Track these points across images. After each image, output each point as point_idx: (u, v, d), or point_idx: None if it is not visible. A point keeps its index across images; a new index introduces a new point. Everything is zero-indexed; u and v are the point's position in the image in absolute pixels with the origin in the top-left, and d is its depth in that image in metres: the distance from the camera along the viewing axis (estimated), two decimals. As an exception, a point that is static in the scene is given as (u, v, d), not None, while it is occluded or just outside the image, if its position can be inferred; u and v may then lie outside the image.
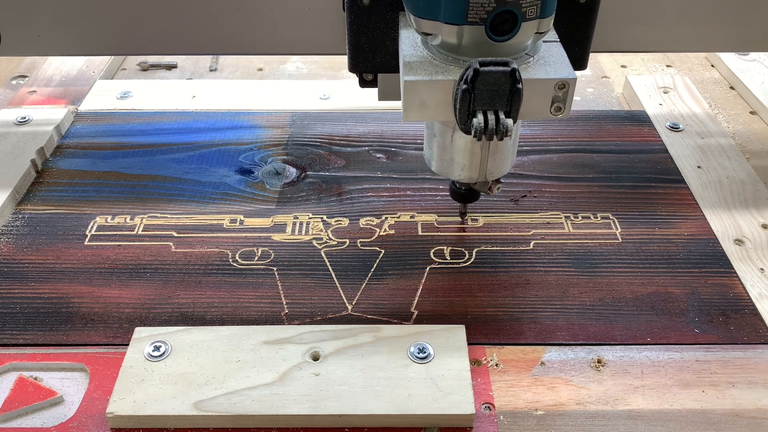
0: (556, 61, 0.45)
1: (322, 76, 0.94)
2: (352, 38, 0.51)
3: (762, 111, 0.83)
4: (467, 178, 0.53)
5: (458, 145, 0.51)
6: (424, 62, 0.45)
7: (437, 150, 0.53)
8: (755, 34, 0.62)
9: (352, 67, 0.52)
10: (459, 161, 0.52)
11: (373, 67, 0.52)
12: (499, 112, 0.42)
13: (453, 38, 0.44)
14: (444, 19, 0.43)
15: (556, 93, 0.44)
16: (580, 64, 0.53)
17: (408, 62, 0.45)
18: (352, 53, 0.52)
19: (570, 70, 0.44)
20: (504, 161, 0.52)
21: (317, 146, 0.75)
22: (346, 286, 0.58)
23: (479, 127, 0.42)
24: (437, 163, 0.54)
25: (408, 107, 0.45)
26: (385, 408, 0.46)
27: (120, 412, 0.46)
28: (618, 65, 0.95)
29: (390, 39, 0.51)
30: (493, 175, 0.53)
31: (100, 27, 0.61)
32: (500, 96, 0.42)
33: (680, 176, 0.70)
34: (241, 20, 0.60)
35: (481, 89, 0.42)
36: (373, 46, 0.51)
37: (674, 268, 0.59)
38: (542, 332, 0.54)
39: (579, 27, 0.51)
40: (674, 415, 0.48)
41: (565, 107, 0.45)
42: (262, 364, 0.49)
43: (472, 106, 0.42)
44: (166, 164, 0.72)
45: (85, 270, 0.59)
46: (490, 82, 0.41)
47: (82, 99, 0.83)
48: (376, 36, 0.51)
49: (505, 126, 0.42)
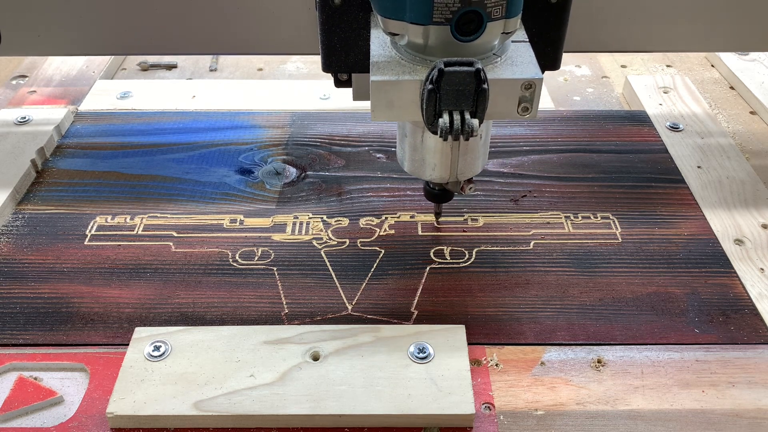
0: (523, 61, 0.45)
1: (322, 76, 0.92)
2: (324, 38, 0.51)
3: (762, 111, 0.83)
4: (439, 178, 0.53)
5: (429, 145, 0.51)
6: (392, 62, 0.45)
7: (409, 150, 0.53)
8: (755, 34, 0.62)
9: (326, 66, 0.52)
10: (430, 161, 0.52)
11: (347, 67, 0.52)
12: (465, 112, 0.42)
13: (419, 38, 0.44)
14: (410, 20, 0.43)
15: (522, 93, 0.44)
16: (552, 64, 0.53)
17: (376, 62, 0.45)
18: (325, 53, 0.52)
19: (537, 70, 0.44)
20: (475, 161, 0.53)
21: (317, 146, 0.75)
22: (346, 286, 0.58)
23: (445, 127, 0.42)
24: (409, 163, 0.54)
25: (376, 107, 0.45)
26: (385, 408, 0.46)
27: (120, 412, 0.46)
28: (618, 65, 0.95)
29: (362, 39, 0.50)
30: (464, 175, 0.53)
31: (100, 27, 0.61)
32: (466, 96, 0.42)
33: (680, 176, 0.70)
34: (241, 20, 0.60)
35: (446, 89, 0.42)
36: (345, 46, 0.51)
37: (674, 268, 0.59)
38: (542, 332, 0.54)
39: (551, 27, 0.51)
40: (674, 415, 0.48)
41: (533, 107, 0.44)
42: (262, 364, 0.49)
43: (438, 106, 0.42)
44: (166, 164, 0.72)
45: (85, 270, 0.59)
46: (455, 82, 0.41)
47: (82, 99, 0.83)
48: (348, 36, 0.51)
49: (470, 126, 0.42)
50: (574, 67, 0.95)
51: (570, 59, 0.96)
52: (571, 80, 0.92)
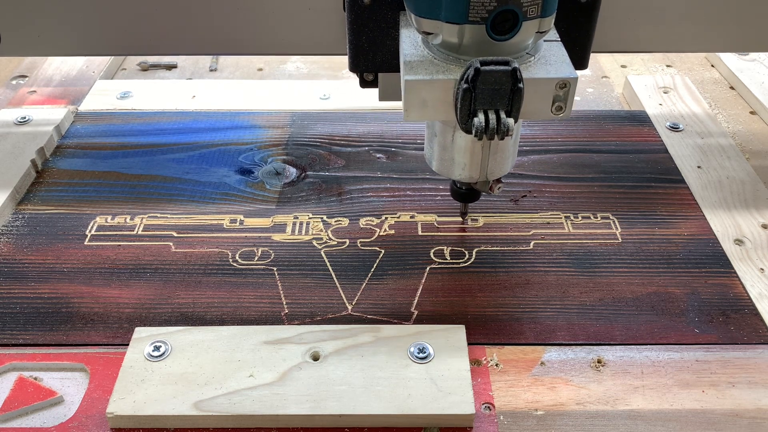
0: (557, 60, 0.45)
1: (322, 76, 0.94)
2: (352, 38, 0.51)
3: (762, 111, 0.83)
4: (468, 178, 0.53)
5: (459, 144, 0.51)
6: (425, 61, 0.45)
7: (438, 149, 0.53)
8: (755, 34, 0.62)
9: (353, 66, 0.52)
10: (460, 161, 0.52)
11: (374, 67, 0.52)
12: (500, 112, 0.42)
13: (454, 37, 0.44)
14: (445, 18, 0.43)
15: (557, 92, 0.44)
16: (580, 63, 0.53)
17: (409, 61, 0.45)
18: (352, 53, 0.52)
19: (571, 69, 0.44)
20: (505, 161, 0.52)
21: (317, 146, 0.75)
22: (346, 286, 0.58)
23: (480, 126, 0.42)
24: (438, 162, 0.54)
25: (409, 106, 0.45)
26: (385, 408, 0.46)
27: (120, 412, 0.46)
28: (618, 65, 0.95)
29: (390, 38, 0.51)
30: (493, 175, 0.53)
31: (100, 27, 0.61)
32: (501, 95, 0.42)
33: (680, 176, 0.70)
34: (241, 20, 0.60)
35: (482, 88, 0.42)
36: (373, 46, 0.51)
37: (674, 268, 0.59)
38: (542, 332, 0.54)
39: (580, 26, 0.51)
40: (674, 415, 0.48)
41: (566, 107, 0.44)
42: (262, 364, 0.49)
43: (473, 106, 0.42)
44: (166, 164, 0.72)
45: (85, 270, 0.59)
46: (491, 81, 0.41)
47: (82, 99, 0.83)
48: (376, 35, 0.51)
49: (506, 125, 0.42)
50: (574, 67, 0.94)
51: (570, 59, 0.96)
52: (571, 80, 0.91)
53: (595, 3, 0.50)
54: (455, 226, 0.64)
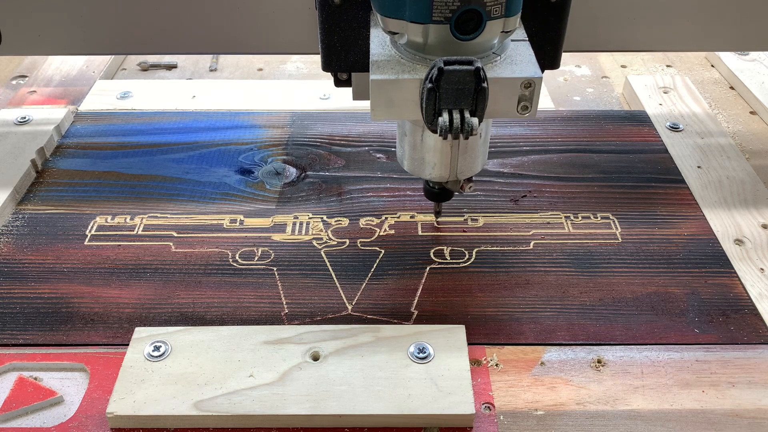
0: (522, 59, 0.45)
1: (322, 76, 0.92)
2: (324, 37, 0.51)
3: (762, 111, 0.83)
4: (438, 177, 0.53)
5: (428, 143, 0.51)
6: (392, 61, 0.45)
7: (408, 149, 0.53)
8: (755, 33, 0.62)
9: (325, 66, 0.53)
10: (430, 160, 0.52)
11: (346, 66, 0.52)
12: (464, 111, 0.42)
13: (419, 37, 0.44)
14: (409, 18, 0.43)
15: (522, 92, 0.44)
16: (552, 63, 0.53)
17: (376, 61, 0.45)
18: (324, 52, 0.52)
19: (536, 68, 0.44)
20: (474, 160, 0.53)
21: (317, 146, 0.75)
22: (346, 286, 0.58)
23: (444, 126, 0.42)
24: (409, 162, 0.54)
25: (376, 106, 0.45)
26: (385, 408, 0.46)
27: (120, 412, 0.46)
28: (618, 65, 0.95)
29: (362, 38, 0.51)
30: (464, 174, 0.53)
31: (100, 26, 0.61)
32: (465, 95, 0.42)
33: (680, 176, 0.70)
34: (242, 20, 0.60)
35: (446, 88, 0.42)
36: (345, 45, 0.51)
37: (674, 268, 0.59)
38: (542, 332, 0.54)
39: (550, 26, 0.51)
40: (674, 415, 0.48)
41: (532, 106, 0.45)
42: (262, 364, 0.49)
43: (438, 105, 0.42)
44: (166, 164, 0.72)
45: (85, 270, 0.59)
46: (455, 80, 0.41)
47: (82, 99, 0.83)
48: (348, 35, 0.51)
49: (470, 125, 0.42)
50: (574, 67, 0.95)
51: (570, 59, 0.96)
52: (571, 80, 0.92)
53: (564, 3, 0.50)
54: (455, 226, 0.64)
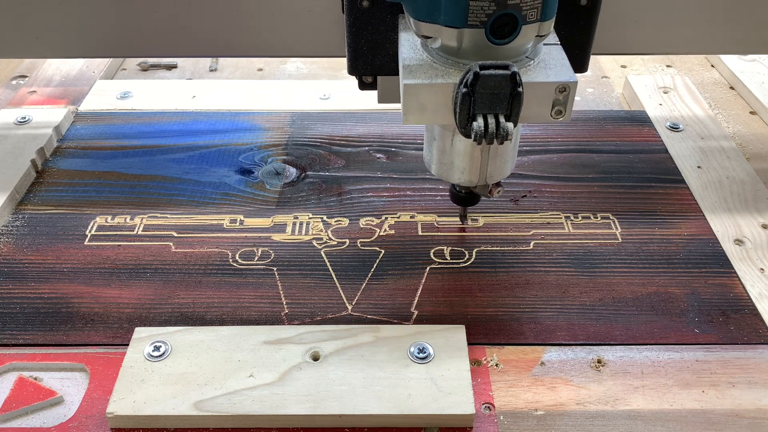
0: (556, 64, 0.45)
1: (322, 76, 0.94)
2: (351, 40, 0.51)
3: (762, 111, 0.83)
4: (467, 182, 0.53)
5: (458, 148, 0.51)
6: (424, 65, 0.45)
7: (437, 153, 0.53)
8: (756, 36, 0.62)
9: (352, 69, 0.52)
10: (459, 165, 0.52)
11: (373, 70, 0.52)
12: (499, 116, 0.42)
13: (453, 41, 0.44)
14: (444, 22, 0.43)
15: (556, 96, 0.44)
16: (580, 66, 0.53)
17: (407, 65, 0.45)
18: (351, 55, 0.52)
19: (571, 73, 0.44)
20: (504, 164, 0.52)
21: (317, 146, 0.75)
22: (346, 286, 0.58)
23: (479, 130, 0.42)
24: (437, 166, 0.54)
25: (408, 110, 0.45)
26: (385, 408, 0.46)
27: (120, 412, 0.46)
28: (618, 65, 0.95)
29: (389, 41, 0.51)
30: (493, 179, 0.53)
31: (99, 29, 0.61)
32: (500, 99, 0.42)
33: (680, 176, 0.70)
34: (242, 22, 0.60)
35: (481, 93, 0.41)
36: (372, 49, 0.51)
37: (674, 268, 0.59)
38: (542, 332, 0.54)
39: (579, 29, 0.51)
40: (674, 415, 0.48)
41: (566, 110, 0.44)
42: (262, 364, 0.49)
43: (473, 110, 0.42)
44: (166, 164, 0.72)
45: (85, 270, 0.59)
46: (491, 85, 0.41)
47: (82, 99, 0.83)
48: (375, 38, 0.51)
49: (505, 130, 0.42)
50: (574, 68, 0.94)
51: (570, 59, 0.96)
52: (571, 80, 0.91)
53: (595, 5, 0.50)
54: (455, 226, 0.64)
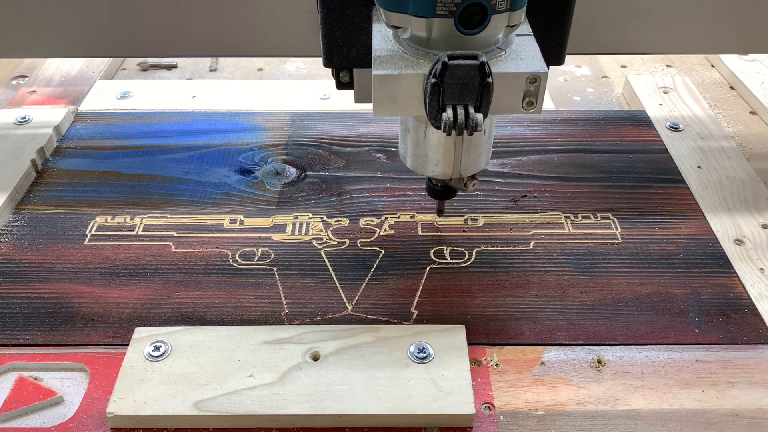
0: (528, 54, 0.45)
1: (322, 76, 0.93)
2: (326, 33, 0.50)
3: (762, 111, 0.83)
4: (442, 174, 0.53)
5: (432, 140, 0.50)
6: (395, 56, 0.45)
7: (411, 146, 0.52)
8: (756, 36, 0.62)
9: (327, 62, 0.52)
10: (433, 157, 0.51)
11: (348, 62, 0.51)
12: (469, 107, 0.42)
13: (422, 31, 0.43)
14: (413, 12, 0.42)
15: (527, 87, 0.43)
16: (557, 59, 0.52)
17: (378, 56, 0.45)
18: (326, 48, 0.51)
19: (542, 63, 0.44)
20: (479, 157, 0.52)
21: (317, 146, 0.75)
22: (346, 286, 0.58)
23: (449, 121, 0.41)
24: (411, 159, 0.53)
25: (378, 102, 0.44)
26: (385, 408, 0.46)
27: (120, 412, 0.46)
28: (618, 65, 0.95)
29: (364, 33, 0.50)
30: (467, 171, 0.52)
31: (99, 29, 0.61)
32: (470, 90, 0.41)
33: (680, 176, 0.70)
34: (242, 22, 0.60)
35: (450, 83, 0.41)
36: (347, 41, 0.50)
37: (674, 268, 0.59)
38: (542, 332, 0.54)
39: (555, 21, 0.50)
40: (674, 415, 0.48)
41: (537, 102, 0.44)
42: (262, 364, 0.49)
43: (442, 101, 0.42)
44: (166, 164, 0.72)
45: (85, 270, 0.59)
46: (459, 75, 0.41)
47: (82, 99, 0.83)
48: (350, 30, 0.50)
49: (474, 121, 0.41)
50: (574, 67, 0.95)
51: (570, 59, 0.96)
52: (571, 80, 0.92)
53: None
54: (455, 226, 0.64)
